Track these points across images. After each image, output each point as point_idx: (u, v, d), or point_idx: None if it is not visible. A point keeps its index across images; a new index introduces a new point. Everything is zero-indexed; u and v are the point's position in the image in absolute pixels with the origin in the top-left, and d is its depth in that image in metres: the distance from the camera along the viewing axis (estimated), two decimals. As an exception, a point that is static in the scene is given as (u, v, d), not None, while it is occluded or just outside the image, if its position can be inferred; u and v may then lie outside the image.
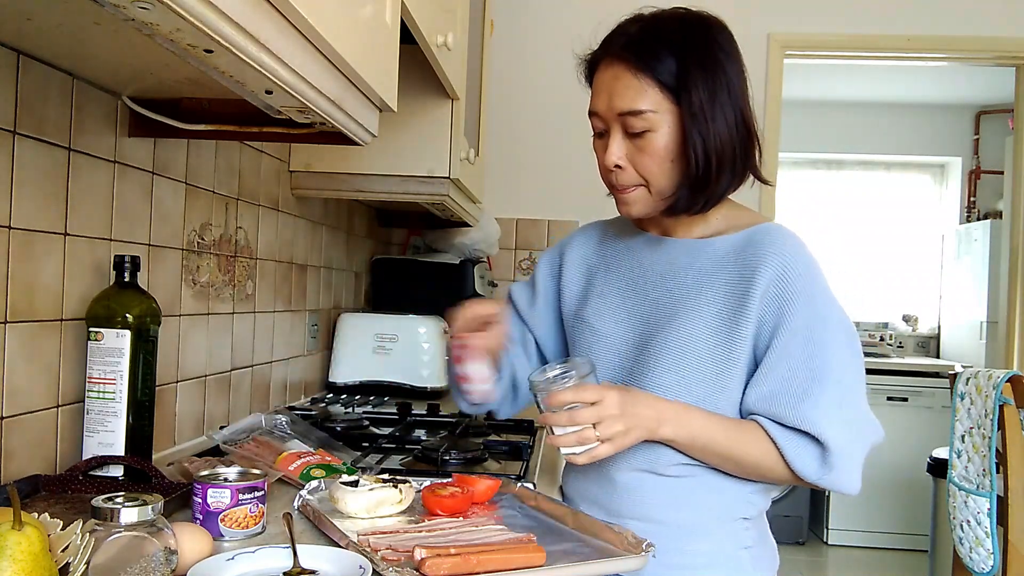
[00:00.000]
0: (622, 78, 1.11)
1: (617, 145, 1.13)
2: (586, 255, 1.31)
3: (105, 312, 1.19)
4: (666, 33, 1.12)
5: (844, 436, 1.09)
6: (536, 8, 3.36)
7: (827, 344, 1.10)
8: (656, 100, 1.10)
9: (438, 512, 1.12)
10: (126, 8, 0.68)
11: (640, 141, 1.11)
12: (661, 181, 1.13)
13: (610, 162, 1.14)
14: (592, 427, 1.04)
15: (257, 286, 1.87)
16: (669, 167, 1.12)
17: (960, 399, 2.65)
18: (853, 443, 1.10)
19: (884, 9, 3.36)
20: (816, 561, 4.39)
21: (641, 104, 1.10)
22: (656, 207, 1.16)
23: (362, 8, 1.08)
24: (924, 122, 5.36)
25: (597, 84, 1.15)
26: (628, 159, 1.13)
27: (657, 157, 1.11)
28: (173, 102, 1.27)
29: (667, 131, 1.10)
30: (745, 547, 1.16)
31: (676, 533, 1.13)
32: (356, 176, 2.05)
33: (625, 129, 1.12)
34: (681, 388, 1.11)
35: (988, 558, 2.50)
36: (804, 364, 1.09)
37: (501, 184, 3.32)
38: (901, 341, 5.36)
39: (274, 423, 1.48)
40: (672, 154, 1.11)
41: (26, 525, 0.66)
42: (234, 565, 0.89)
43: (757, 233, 1.16)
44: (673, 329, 1.14)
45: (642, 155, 1.12)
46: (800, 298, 1.10)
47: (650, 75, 1.09)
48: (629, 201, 1.16)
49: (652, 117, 1.10)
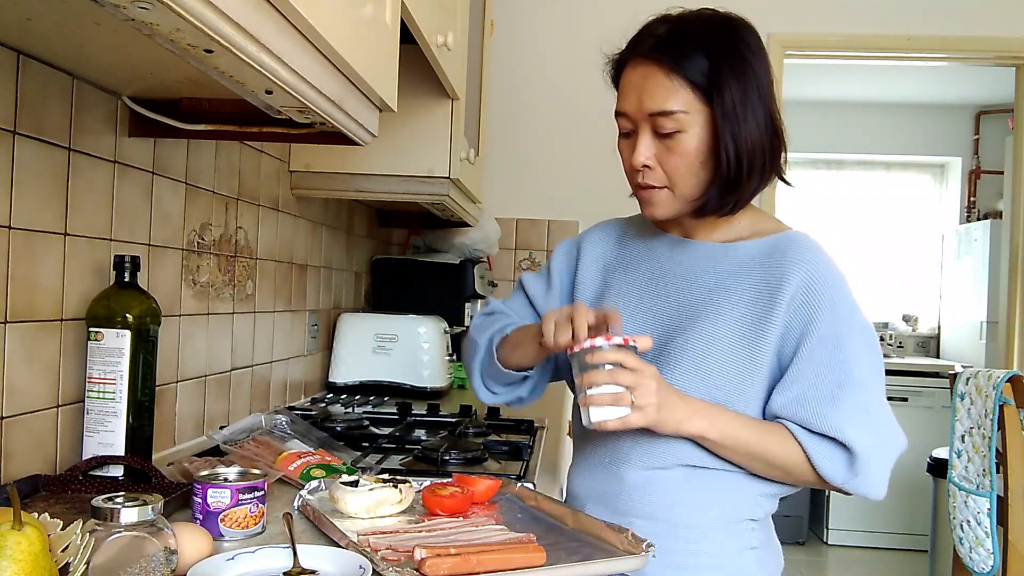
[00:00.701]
0: (652, 78, 1.10)
1: (646, 145, 1.12)
2: (604, 252, 1.30)
3: (105, 312, 1.19)
4: (696, 33, 1.11)
5: (870, 441, 1.10)
6: (536, 8, 3.36)
7: (853, 352, 1.11)
8: (687, 101, 1.09)
9: (438, 512, 1.12)
10: (126, 8, 0.68)
11: (670, 142, 1.11)
12: (688, 182, 1.13)
13: (639, 162, 1.13)
14: (628, 393, 1.03)
15: (257, 286, 1.87)
16: (698, 168, 1.12)
17: (960, 399, 2.65)
18: (879, 448, 1.11)
19: (884, 9, 3.36)
20: (816, 561, 4.39)
21: (672, 104, 1.09)
22: (680, 210, 1.16)
23: (362, 8, 1.08)
24: (924, 122, 5.36)
25: (625, 84, 1.14)
26: (657, 159, 1.13)
27: (687, 158, 1.11)
28: (173, 102, 1.27)
29: (698, 132, 1.10)
30: (751, 547, 1.16)
31: (683, 533, 1.13)
32: (356, 176, 2.05)
33: (655, 129, 1.11)
34: (701, 391, 1.11)
35: (988, 558, 2.50)
36: (831, 371, 1.10)
37: (501, 184, 3.33)
38: (901, 341, 5.36)
39: (274, 423, 1.48)
40: (702, 155, 1.11)
41: (26, 525, 0.66)
42: (234, 565, 0.89)
43: (782, 241, 1.17)
44: (695, 332, 1.14)
45: (671, 156, 1.11)
46: (828, 307, 1.11)
47: (681, 75, 1.09)
48: (654, 202, 1.15)
49: (683, 118, 1.09)
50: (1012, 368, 3.53)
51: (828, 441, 1.10)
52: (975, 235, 4.92)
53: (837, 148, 5.46)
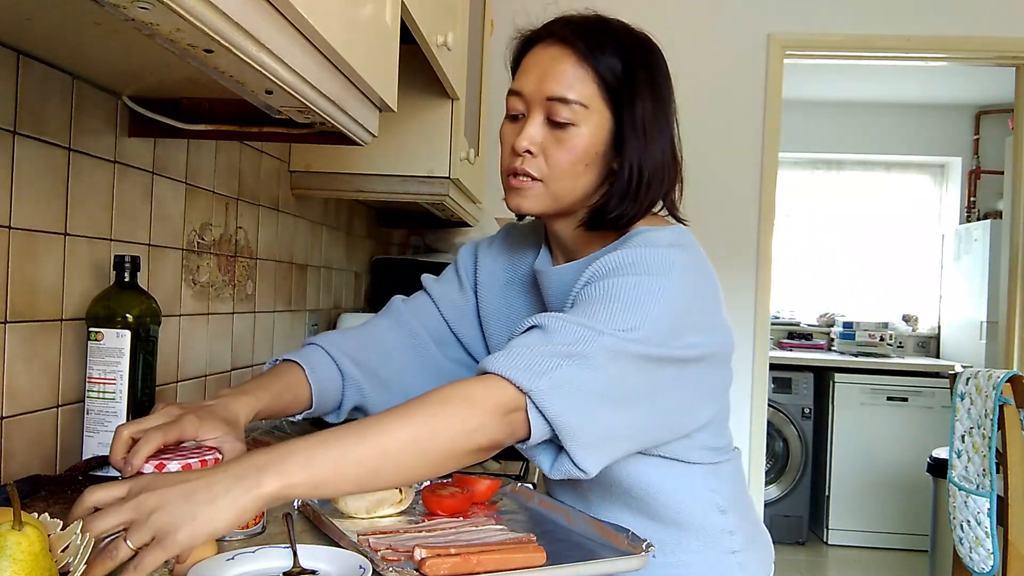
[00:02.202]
0: (562, 61, 1.04)
1: (535, 129, 1.05)
2: (501, 267, 1.28)
3: (105, 312, 1.19)
4: (616, 35, 1.06)
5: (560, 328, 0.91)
6: (536, 8, 3.35)
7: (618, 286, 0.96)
8: (590, 95, 1.03)
9: (438, 512, 1.12)
10: (126, 8, 0.68)
11: (560, 132, 1.04)
12: (565, 181, 1.06)
13: (521, 146, 1.05)
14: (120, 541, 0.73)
15: (257, 286, 1.87)
16: (581, 169, 1.05)
17: (960, 399, 2.65)
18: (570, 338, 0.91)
19: (884, 9, 3.36)
20: (816, 561, 4.39)
21: (575, 93, 1.03)
22: (547, 208, 1.09)
23: (362, 8, 1.08)
24: (924, 122, 5.36)
25: (528, 64, 1.08)
26: (541, 148, 1.05)
27: (573, 154, 1.04)
28: (173, 102, 1.27)
29: (591, 131, 1.04)
30: (732, 551, 1.13)
31: (658, 545, 1.06)
32: (356, 176, 2.05)
33: (548, 115, 1.04)
34: None
35: (988, 558, 2.50)
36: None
37: (501, 184, 3.32)
38: (901, 341, 5.36)
39: (274, 423, 1.48)
40: (588, 158, 1.05)
41: (26, 525, 0.66)
42: (234, 565, 0.89)
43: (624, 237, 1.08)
44: None
45: (558, 148, 1.04)
46: (613, 259, 1.00)
47: (592, 67, 1.03)
48: (523, 193, 1.07)
49: (580, 111, 1.03)
50: (1012, 368, 3.53)
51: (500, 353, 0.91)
52: (975, 235, 4.92)
53: (837, 148, 5.46)
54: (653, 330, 0.94)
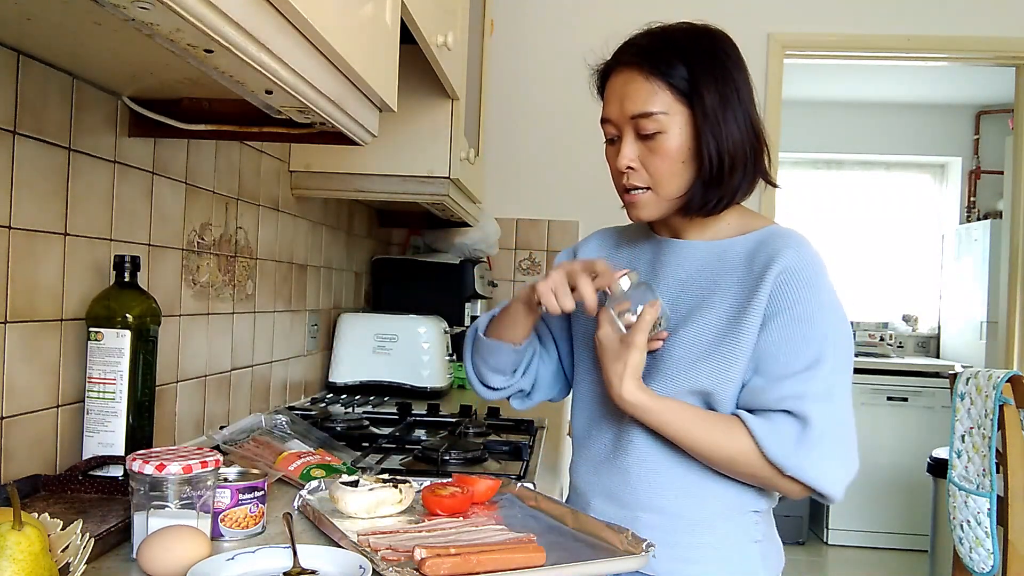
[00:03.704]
0: (634, 82, 1.15)
1: (629, 147, 1.16)
2: (603, 258, 1.32)
3: (105, 312, 1.19)
4: (675, 42, 1.16)
5: (827, 416, 1.09)
6: (536, 8, 3.36)
7: (826, 334, 1.12)
8: (667, 102, 1.13)
9: (438, 512, 1.12)
10: (126, 8, 0.68)
11: (652, 143, 1.15)
12: (671, 183, 1.16)
13: (622, 164, 1.16)
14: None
15: (257, 286, 1.87)
16: (680, 168, 1.15)
17: (960, 399, 2.65)
18: (836, 429, 1.10)
19: (884, 9, 3.36)
20: (816, 561, 4.39)
21: (653, 106, 1.13)
22: (665, 210, 1.19)
23: (362, 8, 1.08)
24: (924, 122, 5.36)
25: (609, 92, 1.19)
26: (640, 161, 1.16)
27: (669, 158, 1.14)
28: (173, 102, 1.27)
29: (678, 132, 1.14)
30: (755, 541, 1.18)
31: (689, 526, 1.15)
32: (356, 176, 2.05)
33: (637, 132, 1.15)
34: (691, 381, 1.13)
35: (988, 558, 2.50)
36: (803, 348, 1.11)
37: (501, 184, 3.32)
38: (901, 341, 5.36)
39: (274, 423, 1.48)
40: (683, 156, 1.15)
41: (26, 525, 0.66)
42: (234, 565, 0.89)
43: (767, 234, 1.19)
44: (686, 329, 1.16)
45: (654, 156, 1.15)
46: (806, 288, 1.12)
47: (661, 79, 1.13)
48: (639, 204, 1.19)
49: (663, 119, 1.13)
50: (1012, 368, 3.53)
51: (778, 416, 1.09)
52: (975, 235, 4.92)
53: (837, 148, 5.46)
54: (850, 357, 1.18)
